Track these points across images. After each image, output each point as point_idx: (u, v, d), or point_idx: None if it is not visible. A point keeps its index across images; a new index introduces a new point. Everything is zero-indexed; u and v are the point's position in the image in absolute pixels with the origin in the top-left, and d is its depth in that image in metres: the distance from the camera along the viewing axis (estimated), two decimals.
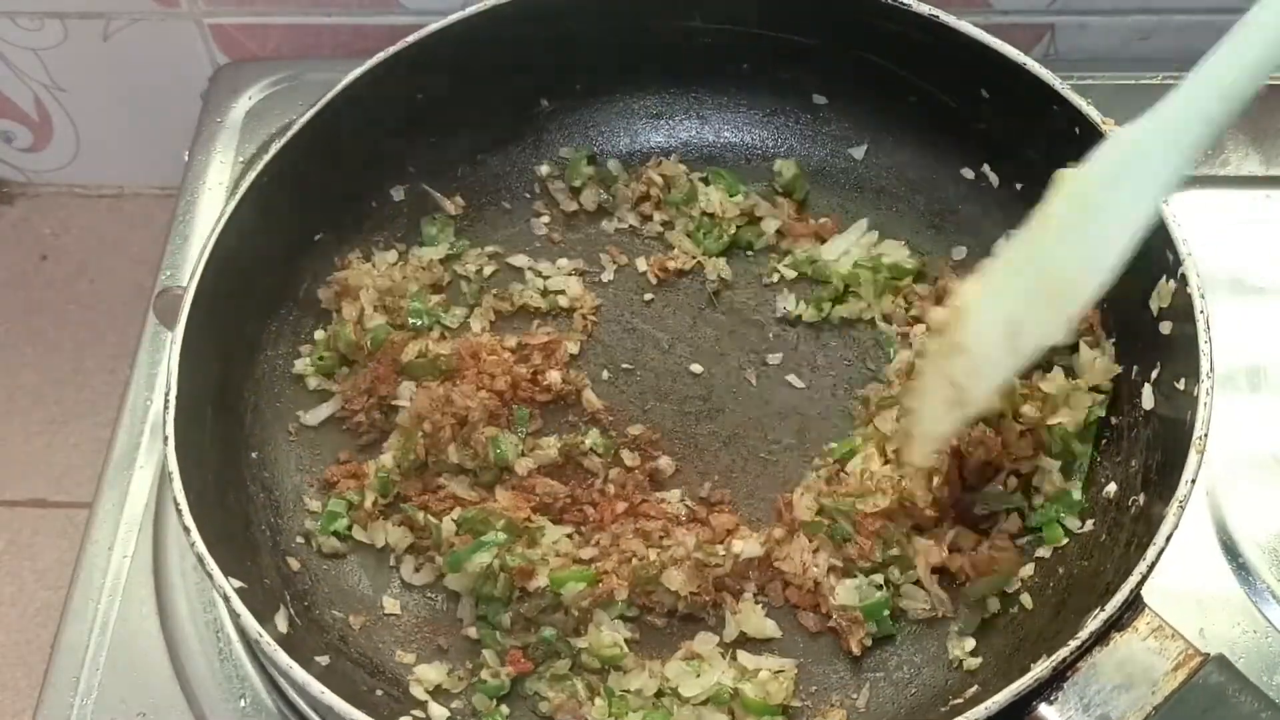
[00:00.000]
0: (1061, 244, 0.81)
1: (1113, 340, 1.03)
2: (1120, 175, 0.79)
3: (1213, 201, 1.25)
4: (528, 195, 1.22)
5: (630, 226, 1.20)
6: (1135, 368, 1.01)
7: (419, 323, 1.11)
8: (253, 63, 1.41)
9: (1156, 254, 0.94)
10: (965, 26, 1.06)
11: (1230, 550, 1.06)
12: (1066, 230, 0.80)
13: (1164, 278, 0.96)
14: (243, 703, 1.03)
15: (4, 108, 1.55)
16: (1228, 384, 1.13)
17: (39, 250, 1.64)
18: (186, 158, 1.05)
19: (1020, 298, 0.84)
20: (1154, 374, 0.98)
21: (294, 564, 1.02)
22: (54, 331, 1.59)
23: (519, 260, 1.18)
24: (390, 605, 1.02)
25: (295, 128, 1.06)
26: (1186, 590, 1.03)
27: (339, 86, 1.08)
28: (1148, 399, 0.98)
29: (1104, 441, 1.02)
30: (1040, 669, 0.81)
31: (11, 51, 1.47)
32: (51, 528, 1.48)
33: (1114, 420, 1.02)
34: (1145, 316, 0.98)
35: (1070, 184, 0.80)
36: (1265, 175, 1.26)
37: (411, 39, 1.10)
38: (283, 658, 0.85)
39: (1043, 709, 0.82)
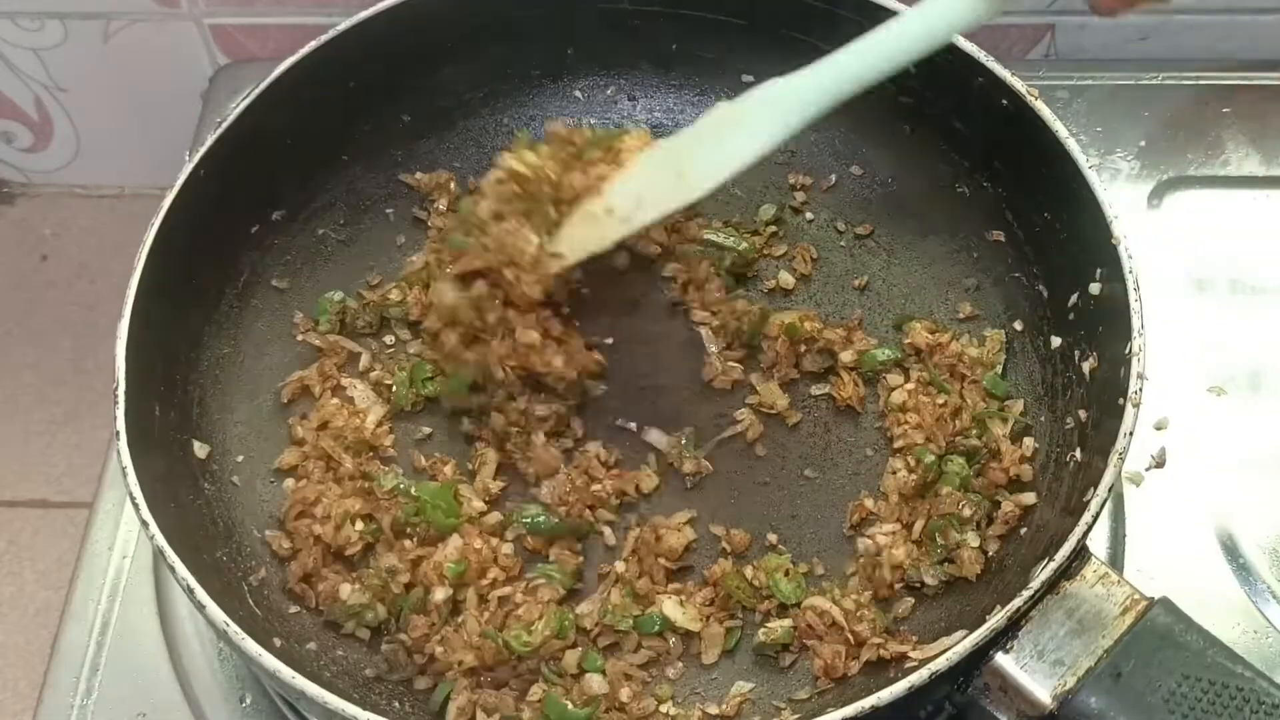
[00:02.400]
0: (697, 149, 0.99)
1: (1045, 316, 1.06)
2: (741, 120, 0.97)
3: (1213, 201, 1.25)
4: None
5: None
6: (1072, 334, 1.02)
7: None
8: (253, 63, 1.41)
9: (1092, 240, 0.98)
10: (890, 3, 1.06)
11: (1230, 550, 1.06)
12: (703, 143, 0.98)
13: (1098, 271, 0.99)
14: (243, 703, 1.03)
15: (4, 108, 1.55)
16: (1228, 384, 1.14)
17: (39, 250, 1.65)
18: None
19: (659, 171, 1.01)
20: (1089, 336, 1.00)
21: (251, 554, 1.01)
22: (54, 331, 1.59)
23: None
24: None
25: (227, 121, 1.06)
26: (1187, 590, 1.02)
27: (269, 79, 1.07)
28: (1085, 361, 0.99)
29: (1041, 401, 1.04)
30: (996, 619, 0.83)
31: (11, 51, 1.47)
32: (51, 528, 1.49)
33: (1052, 381, 1.03)
34: (1079, 283, 1.00)
35: (716, 113, 0.98)
36: (1265, 175, 1.26)
37: (341, 28, 1.10)
38: (251, 645, 0.85)
39: (1000, 658, 0.84)
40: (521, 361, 1.03)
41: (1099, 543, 1.06)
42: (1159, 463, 1.08)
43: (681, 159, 1.00)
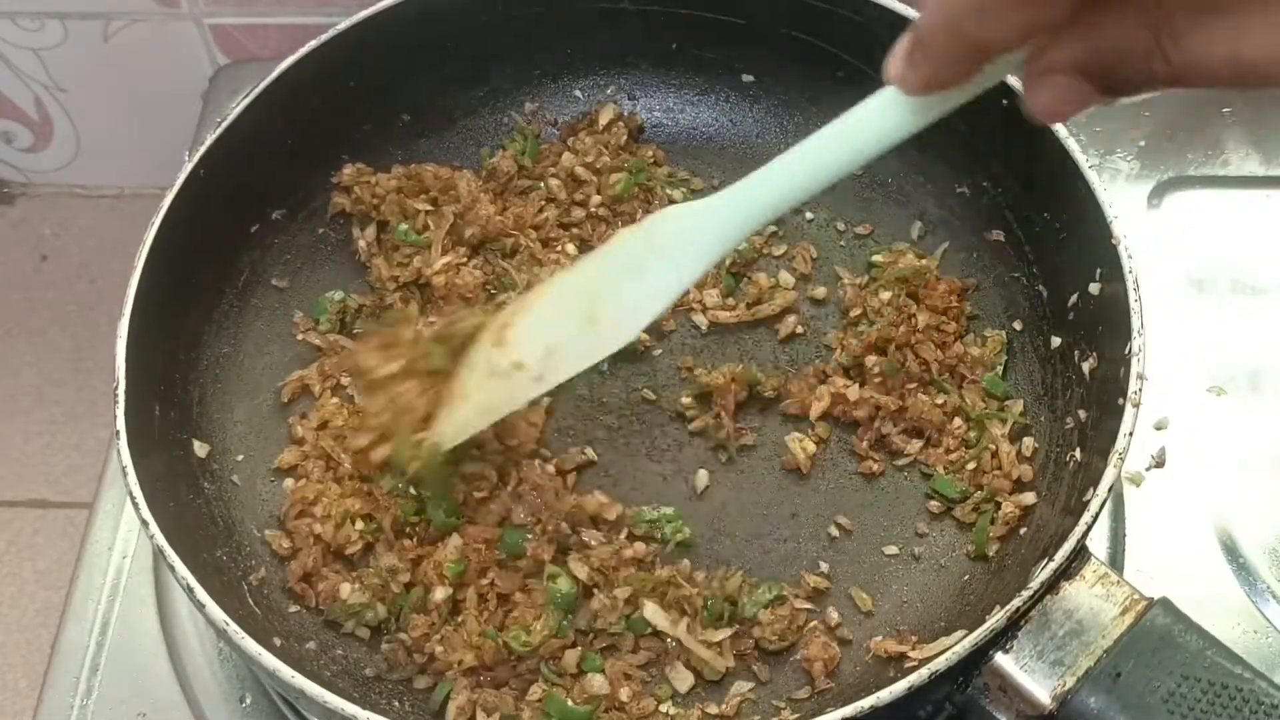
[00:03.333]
0: (616, 282, 0.89)
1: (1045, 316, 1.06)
2: (679, 239, 0.87)
3: (1213, 201, 1.25)
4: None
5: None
6: (1071, 334, 1.02)
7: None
8: (253, 63, 1.41)
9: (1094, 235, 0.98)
10: (891, 2, 1.06)
11: (1230, 550, 1.06)
12: (623, 273, 0.88)
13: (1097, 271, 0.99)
14: (243, 703, 1.03)
15: (4, 108, 1.55)
16: (1228, 384, 1.14)
17: (39, 250, 1.65)
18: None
19: (568, 318, 0.91)
20: (1089, 336, 1.00)
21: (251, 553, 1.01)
22: (54, 331, 1.59)
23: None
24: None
25: (227, 120, 1.06)
26: (1187, 590, 1.02)
27: (270, 78, 1.07)
28: (1085, 361, 0.99)
29: (1041, 401, 1.04)
30: (995, 619, 0.83)
31: (11, 51, 1.47)
32: (51, 528, 1.49)
33: (1051, 381, 1.03)
34: (1079, 283, 1.00)
35: (620, 241, 0.89)
36: (1265, 175, 1.26)
37: (341, 27, 1.10)
38: (251, 645, 0.85)
39: (999, 658, 0.84)
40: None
41: (1099, 542, 1.06)
42: (1159, 463, 1.08)
43: (593, 298, 0.89)
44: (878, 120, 0.77)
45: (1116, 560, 1.05)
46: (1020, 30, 0.60)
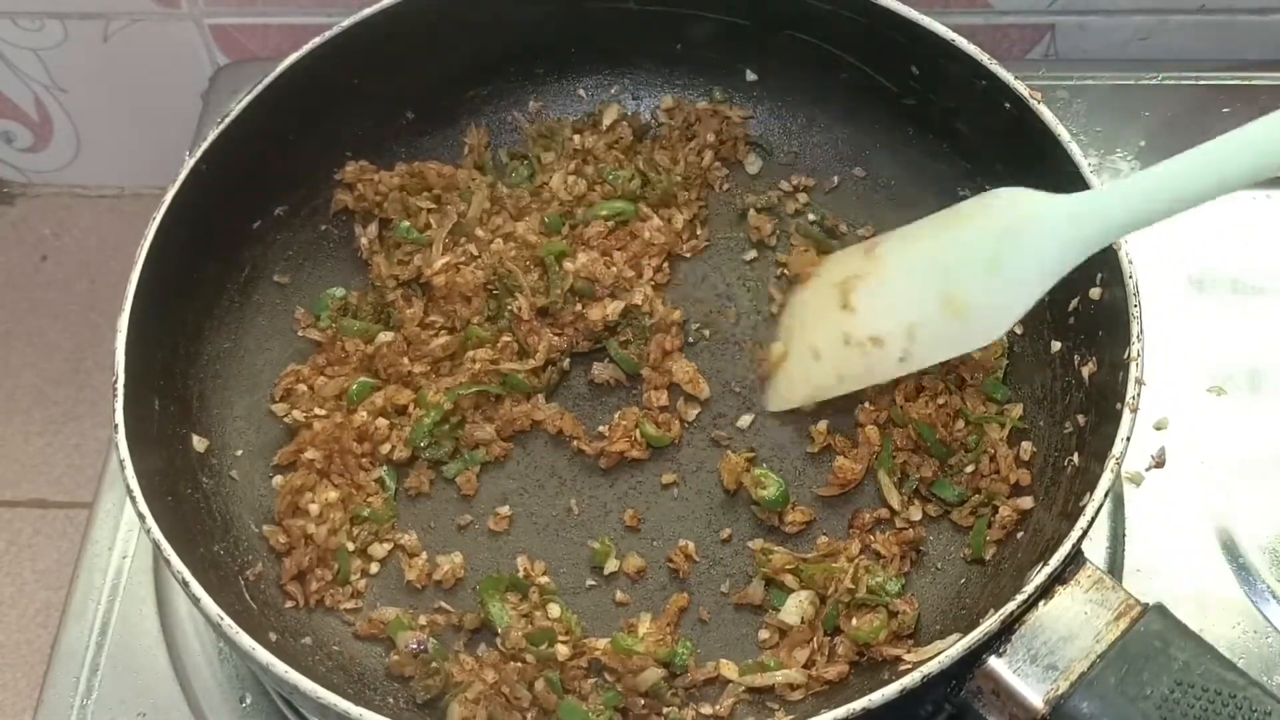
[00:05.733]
0: (971, 267, 0.88)
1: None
2: (1038, 232, 0.85)
3: (1213, 201, 1.24)
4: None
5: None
6: (1072, 339, 1.02)
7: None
8: (253, 63, 1.41)
9: None
10: (895, 5, 1.06)
11: (1230, 550, 1.06)
12: (978, 258, 0.87)
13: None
14: (243, 703, 1.03)
15: (4, 108, 1.55)
16: (1228, 384, 1.14)
17: (39, 250, 1.65)
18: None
19: (924, 297, 0.90)
20: (1089, 341, 1.00)
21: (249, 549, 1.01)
22: (54, 331, 1.59)
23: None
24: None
25: (231, 116, 1.06)
26: (1186, 590, 1.03)
27: (274, 73, 1.07)
28: (1085, 366, 0.99)
29: (1041, 405, 1.04)
30: (989, 622, 0.83)
31: (11, 51, 1.47)
32: (51, 528, 1.49)
33: (1051, 385, 1.03)
34: (1079, 287, 0.99)
35: (978, 214, 0.88)
36: None
37: (346, 24, 1.10)
38: (245, 640, 0.85)
39: (992, 661, 0.84)
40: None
41: (1099, 542, 1.06)
42: (1159, 463, 1.08)
43: (947, 279, 0.87)
44: None
45: (1116, 560, 1.05)
46: None
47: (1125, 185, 0.85)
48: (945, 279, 0.89)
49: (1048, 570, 0.85)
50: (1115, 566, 1.05)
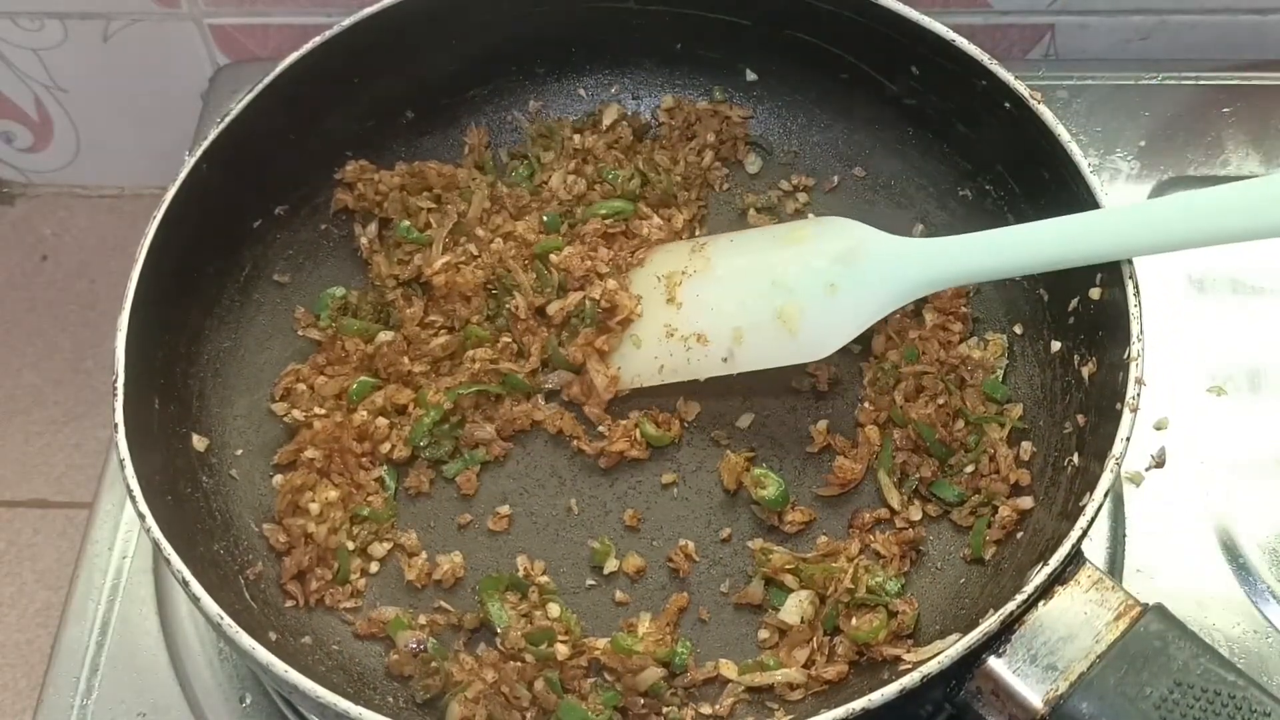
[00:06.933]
0: (809, 289, 0.92)
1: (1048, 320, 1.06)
2: (879, 268, 0.90)
3: None
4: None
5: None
6: (1072, 339, 1.02)
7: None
8: (253, 63, 1.41)
9: None
10: (895, 5, 1.06)
11: (1230, 550, 1.06)
12: (815, 281, 0.91)
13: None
14: (243, 703, 1.03)
15: (4, 108, 1.55)
16: (1228, 384, 1.14)
17: (39, 250, 1.65)
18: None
19: (756, 306, 0.94)
20: (1089, 341, 1.00)
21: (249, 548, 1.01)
22: (54, 331, 1.59)
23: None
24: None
25: (231, 115, 1.06)
26: (1187, 590, 1.03)
27: (274, 73, 1.08)
28: (1085, 366, 0.99)
29: (1041, 405, 1.04)
30: (989, 622, 0.83)
31: (11, 51, 1.47)
32: (51, 528, 1.49)
33: (1051, 385, 1.03)
34: (1080, 287, 1.00)
35: (818, 237, 0.92)
36: (1265, 175, 1.26)
37: (346, 23, 1.10)
38: (245, 639, 0.85)
39: (992, 661, 0.84)
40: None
41: (1099, 542, 1.06)
42: (1159, 463, 1.08)
43: (783, 294, 0.91)
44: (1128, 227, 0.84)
45: (1116, 560, 1.05)
46: None
47: (948, 242, 0.89)
48: (783, 293, 0.92)
49: (1047, 570, 0.85)
50: (1115, 566, 1.05)
